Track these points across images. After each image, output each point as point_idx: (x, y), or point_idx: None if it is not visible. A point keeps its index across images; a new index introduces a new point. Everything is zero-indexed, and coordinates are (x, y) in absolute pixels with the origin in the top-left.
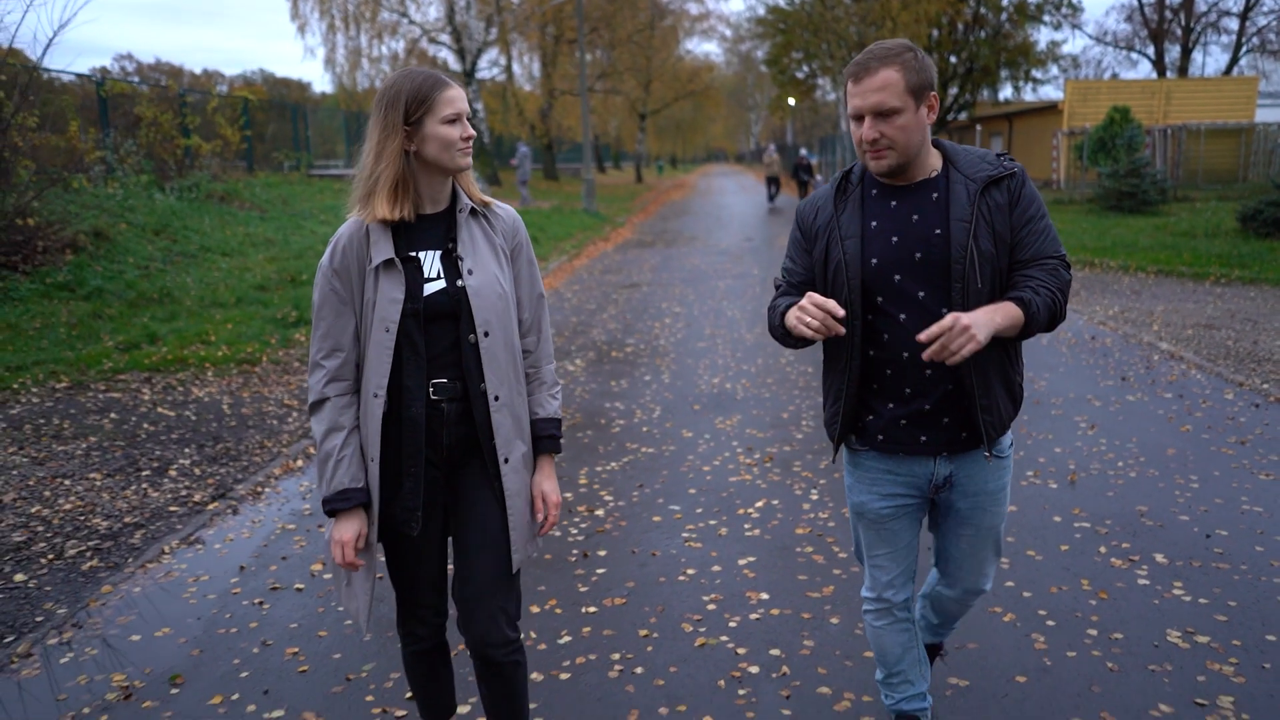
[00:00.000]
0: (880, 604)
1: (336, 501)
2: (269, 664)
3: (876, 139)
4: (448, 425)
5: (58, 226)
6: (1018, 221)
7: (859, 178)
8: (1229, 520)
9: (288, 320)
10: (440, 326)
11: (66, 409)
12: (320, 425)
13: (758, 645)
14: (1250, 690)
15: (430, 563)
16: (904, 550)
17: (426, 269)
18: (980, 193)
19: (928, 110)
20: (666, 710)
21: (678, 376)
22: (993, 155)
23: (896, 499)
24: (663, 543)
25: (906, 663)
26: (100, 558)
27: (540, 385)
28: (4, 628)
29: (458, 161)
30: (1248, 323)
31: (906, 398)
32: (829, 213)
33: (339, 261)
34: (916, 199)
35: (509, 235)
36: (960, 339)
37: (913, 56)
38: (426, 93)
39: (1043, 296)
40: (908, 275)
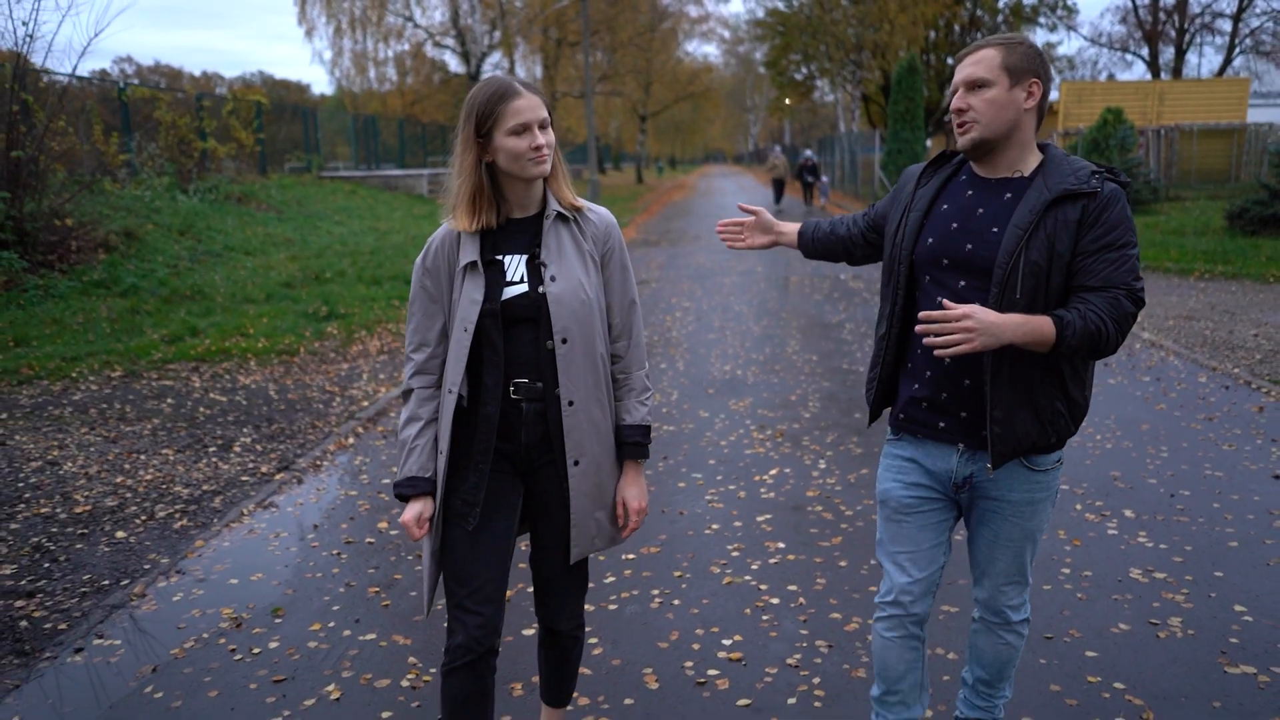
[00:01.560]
0: (894, 609)
1: (404, 487)
2: (355, 600)
3: (964, 109)
4: (526, 424)
5: (90, 227)
6: (1089, 245)
7: (959, 162)
8: (1192, 483)
9: (319, 315)
10: (521, 330)
11: (125, 395)
12: (404, 414)
13: (777, 583)
14: (1196, 613)
15: (483, 561)
16: (926, 554)
17: (510, 273)
18: (1050, 204)
19: (1026, 95)
20: (702, 631)
21: (691, 364)
22: (1087, 171)
23: (919, 489)
24: (689, 504)
25: (907, 684)
26: (188, 518)
27: (629, 391)
28: (119, 573)
29: (529, 171)
30: (1226, 314)
31: (928, 380)
32: (913, 184)
33: (431, 261)
34: (991, 194)
35: (600, 240)
36: (957, 334)
37: (1021, 44)
38: (493, 105)
39: (1088, 321)
40: (954, 263)
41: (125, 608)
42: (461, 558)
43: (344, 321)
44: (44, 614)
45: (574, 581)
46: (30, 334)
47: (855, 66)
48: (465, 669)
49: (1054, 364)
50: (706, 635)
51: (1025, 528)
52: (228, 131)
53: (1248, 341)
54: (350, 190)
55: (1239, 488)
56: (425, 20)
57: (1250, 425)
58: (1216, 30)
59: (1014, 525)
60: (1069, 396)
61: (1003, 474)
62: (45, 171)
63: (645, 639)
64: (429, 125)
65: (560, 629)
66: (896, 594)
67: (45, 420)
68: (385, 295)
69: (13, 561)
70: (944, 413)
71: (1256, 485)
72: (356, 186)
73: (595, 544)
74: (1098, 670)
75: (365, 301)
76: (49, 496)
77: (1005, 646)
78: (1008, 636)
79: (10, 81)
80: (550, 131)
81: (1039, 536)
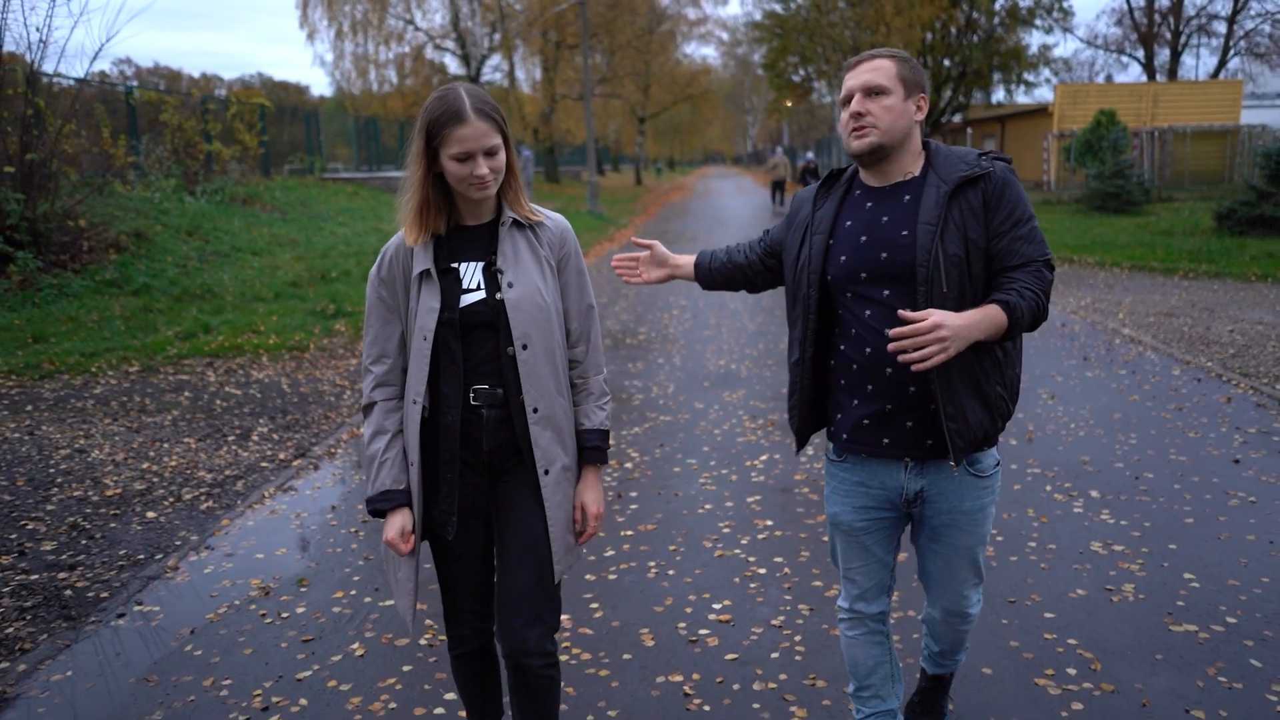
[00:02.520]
0: (853, 614)
1: (379, 501)
2: (374, 572)
3: (861, 114)
4: (487, 431)
5: (101, 228)
6: (999, 227)
7: (849, 179)
8: (1157, 466)
9: (327, 313)
10: (479, 337)
11: (144, 389)
12: (368, 429)
13: (764, 555)
14: (1149, 580)
15: (469, 569)
16: (877, 564)
17: (466, 280)
18: (951, 194)
19: (916, 108)
20: (694, 597)
21: (687, 359)
22: (974, 156)
23: (870, 512)
24: (683, 486)
25: (877, 677)
26: (213, 500)
27: (588, 396)
28: (152, 549)
29: (471, 194)
30: (1205, 311)
31: (869, 395)
32: (810, 207)
33: (386, 271)
34: (890, 201)
35: (555, 246)
36: (931, 346)
37: (910, 59)
38: (440, 126)
39: (1027, 300)
40: (873, 275)
41: (161, 579)
42: (450, 570)
43: (351, 319)
44: (86, 584)
45: (546, 603)
46: (48, 331)
47: None
48: (475, 654)
49: (990, 349)
50: (698, 600)
51: (978, 534)
52: (232, 134)
53: (1223, 337)
54: (352, 192)
55: (1200, 471)
56: (426, 23)
57: (1217, 414)
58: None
59: (968, 534)
60: (1004, 377)
61: (951, 485)
62: (57, 174)
63: (642, 604)
64: None
65: (529, 663)
66: (853, 603)
67: (69, 412)
68: None
69: (52, 539)
70: (888, 426)
71: (1217, 469)
72: (358, 188)
73: (571, 559)
74: (1054, 629)
75: None
76: (80, 481)
77: (964, 631)
78: (965, 626)
79: (24, 86)
80: (499, 157)
81: (986, 538)
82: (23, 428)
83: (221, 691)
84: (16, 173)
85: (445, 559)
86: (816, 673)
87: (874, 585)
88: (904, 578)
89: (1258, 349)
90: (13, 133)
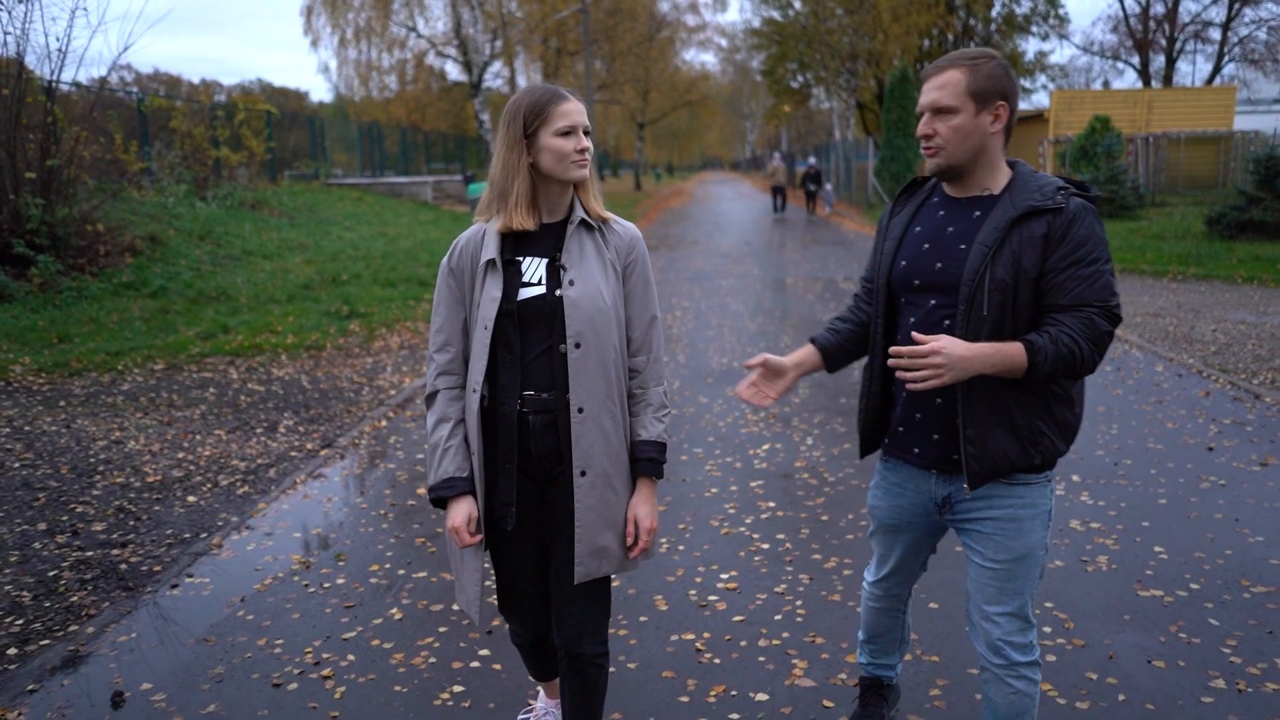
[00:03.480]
0: (879, 588)
1: (442, 489)
2: (405, 548)
3: (929, 135)
4: (534, 437)
5: (117, 232)
6: (1057, 263)
7: (932, 185)
8: (1135, 454)
9: (341, 314)
10: (536, 332)
11: (169, 385)
12: (431, 416)
13: (767, 532)
14: (1122, 553)
15: (523, 570)
16: (911, 559)
17: (527, 274)
18: (1014, 221)
19: (992, 119)
20: (703, 569)
21: (691, 357)
22: (1053, 187)
23: (903, 513)
24: (690, 472)
25: (887, 639)
26: (249, 486)
27: (646, 407)
28: (196, 528)
29: (571, 173)
30: (1191, 312)
31: (905, 401)
32: (888, 215)
33: (456, 261)
34: (961, 213)
35: (623, 251)
36: (926, 370)
37: (986, 63)
38: (542, 106)
39: (1059, 345)
40: (925, 282)
41: (207, 555)
42: (506, 565)
43: (365, 320)
44: (139, 559)
45: (592, 602)
46: (71, 331)
47: (850, 75)
48: (533, 644)
49: (1033, 384)
50: (707, 571)
51: (1011, 548)
52: (239, 140)
53: (1206, 336)
54: (357, 197)
55: (1175, 457)
56: (428, 30)
57: (1195, 407)
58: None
59: (998, 545)
60: (1054, 416)
61: (980, 491)
62: (74, 180)
63: (656, 575)
64: (430, 133)
65: (582, 653)
66: (883, 579)
67: (101, 407)
68: (401, 296)
69: (101, 520)
70: (917, 437)
71: (1191, 456)
72: (363, 193)
73: (603, 566)
74: None
75: (383, 301)
76: (120, 469)
77: (1016, 695)
78: (1016, 683)
79: (42, 95)
80: (589, 139)
81: (1034, 563)
82: (59, 421)
83: (275, 649)
84: (37, 179)
85: (502, 553)
86: (816, 631)
87: (902, 574)
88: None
89: (1238, 347)
90: (33, 140)
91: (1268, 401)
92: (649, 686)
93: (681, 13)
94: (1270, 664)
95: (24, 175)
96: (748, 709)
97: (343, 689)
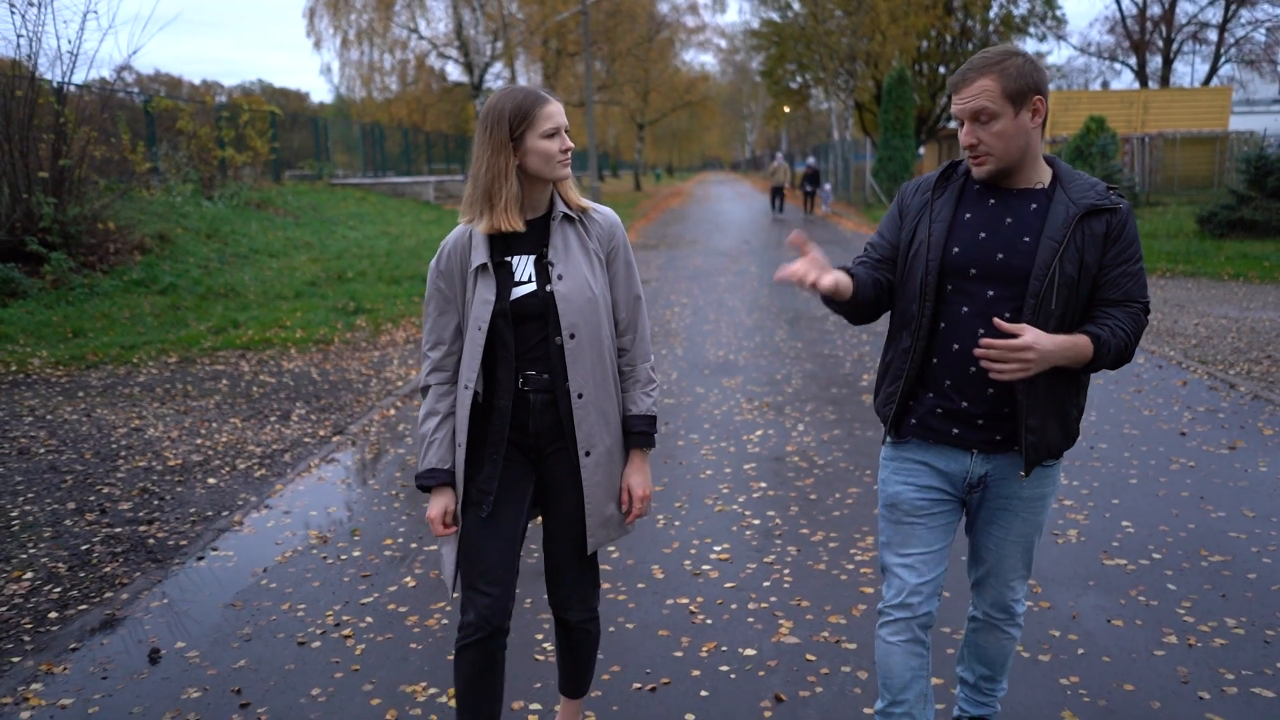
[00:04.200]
0: (902, 612)
1: (425, 478)
2: (417, 524)
3: (975, 144)
4: (534, 414)
5: (126, 231)
6: (1113, 260)
7: (965, 170)
8: (1111, 438)
9: (348, 310)
10: (530, 327)
11: (184, 377)
12: (422, 410)
13: (758, 510)
14: (1091, 527)
15: (493, 546)
16: (936, 556)
17: (518, 273)
18: (1080, 218)
19: (1031, 114)
20: (698, 541)
21: (689, 350)
22: (1103, 186)
23: (931, 491)
24: (687, 456)
25: (912, 694)
26: (265, 469)
27: (635, 383)
28: (218, 507)
29: (557, 172)
30: (1176, 307)
31: (945, 390)
32: (927, 195)
33: (444, 264)
34: (1015, 204)
35: (605, 239)
36: (1015, 363)
37: (1012, 62)
38: (527, 109)
39: (1118, 338)
40: (983, 272)
41: (229, 531)
42: (474, 542)
43: (371, 315)
44: (165, 534)
45: (584, 571)
46: (85, 326)
47: (849, 76)
48: (476, 646)
49: (1075, 375)
50: (701, 544)
51: (1034, 522)
52: (243, 141)
53: (1188, 330)
54: (360, 197)
55: (1149, 441)
56: (429, 31)
57: (1171, 396)
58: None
59: (1024, 520)
60: (1079, 402)
61: (1014, 471)
62: (85, 179)
63: (653, 546)
64: (431, 134)
65: (570, 619)
66: (905, 596)
67: (119, 397)
68: (405, 293)
69: (127, 500)
70: (959, 420)
71: (1164, 440)
72: (366, 193)
73: (610, 534)
74: None
75: (388, 298)
76: (142, 453)
77: (1008, 639)
78: (1011, 630)
79: (53, 97)
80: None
81: (1042, 530)
82: (79, 410)
83: (298, 613)
84: (49, 178)
85: (470, 535)
86: (801, 595)
87: (930, 580)
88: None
89: (1218, 340)
90: (44, 141)
91: (1242, 390)
92: (646, 643)
93: (681, 14)
94: (1220, 622)
95: (37, 175)
96: (736, 662)
97: (362, 646)
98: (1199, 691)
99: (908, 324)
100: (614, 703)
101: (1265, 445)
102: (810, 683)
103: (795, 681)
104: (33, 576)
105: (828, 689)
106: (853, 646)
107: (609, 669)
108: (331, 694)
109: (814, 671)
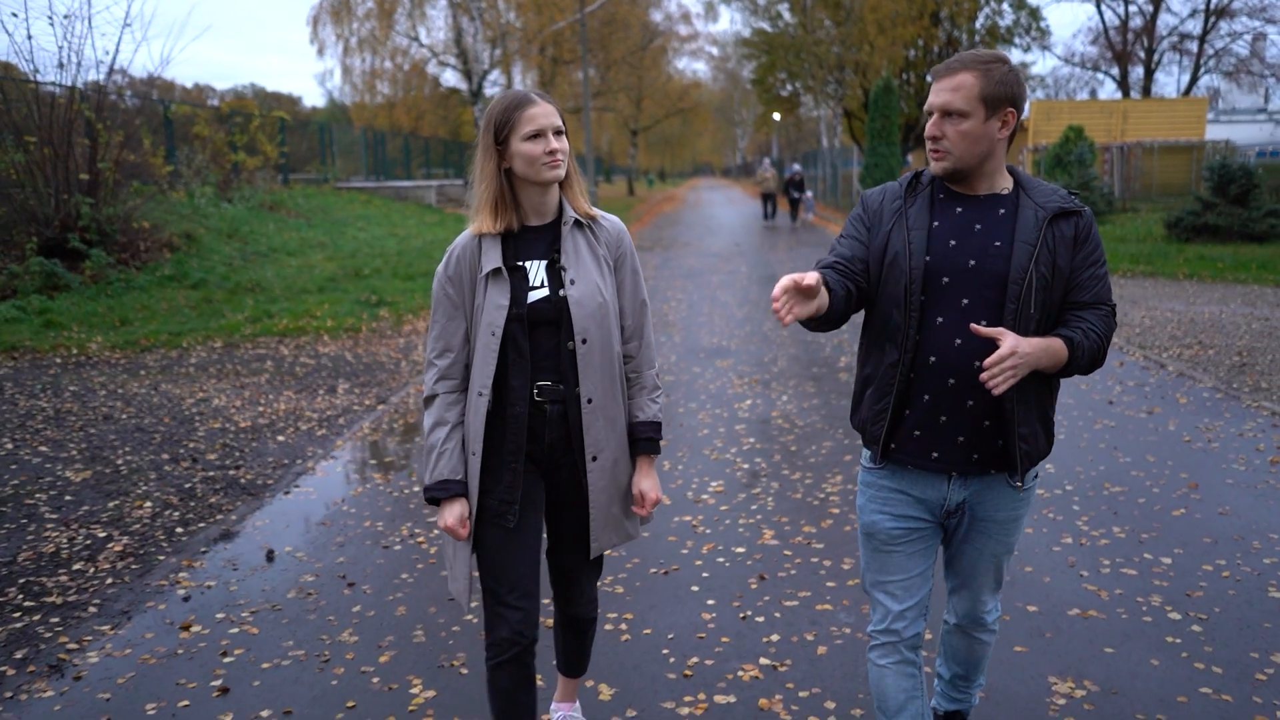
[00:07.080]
0: (888, 636)
1: (436, 490)
2: None
3: (937, 137)
4: (549, 424)
5: (156, 230)
6: (1082, 262)
7: (929, 180)
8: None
9: (370, 302)
10: (543, 332)
11: (231, 359)
12: (429, 419)
13: (748, 458)
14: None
15: (520, 558)
16: (917, 580)
17: (532, 278)
18: (1049, 221)
19: (1000, 125)
20: (697, 481)
21: (685, 338)
22: (1064, 191)
23: (908, 520)
24: (686, 420)
25: (907, 716)
26: (325, 429)
27: (641, 389)
28: (292, 456)
29: (544, 175)
30: (1130, 303)
31: (924, 404)
32: (899, 203)
33: (453, 269)
34: (983, 210)
35: (613, 246)
36: (1005, 372)
37: (998, 68)
38: (509, 113)
39: (1090, 341)
40: (956, 280)
41: (305, 474)
42: (500, 556)
43: (393, 307)
44: (253, 477)
45: (592, 572)
46: (129, 316)
47: (838, 84)
48: (513, 661)
49: (1050, 378)
50: (700, 481)
51: (1007, 543)
52: (254, 145)
53: (1135, 322)
54: (365, 200)
55: (1080, 407)
56: (429, 39)
57: (1108, 374)
58: (1184, 51)
59: (998, 541)
60: (1053, 405)
61: (991, 495)
62: (118, 182)
63: (663, 483)
64: (431, 139)
65: (579, 615)
66: (890, 622)
67: (178, 375)
68: (421, 288)
69: (213, 452)
70: (939, 439)
71: (1092, 406)
72: (370, 197)
73: (614, 538)
74: None
75: (405, 292)
76: (214, 418)
77: (980, 645)
78: (983, 636)
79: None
80: (565, 140)
81: (1013, 549)
82: (145, 386)
83: (378, 527)
84: (87, 180)
85: (495, 549)
86: (781, 513)
87: (914, 605)
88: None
89: (1160, 329)
90: (81, 145)
91: (1169, 369)
92: (659, 545)
93: (674, 23)
94: (1107, 530)
95: (76, 177)
96: (730, 556)
97: (435, 548)
98: (1080, 571)
99: (892, 336)
100: (636, 581)
101: (1179, 410)
102: (786, 568)
103: (774, 566)
104: (152, 505)
105: (800, 571)
106: (821, 545)
107: (630, 561)
108: (417, 578)
109: (789, 561)
